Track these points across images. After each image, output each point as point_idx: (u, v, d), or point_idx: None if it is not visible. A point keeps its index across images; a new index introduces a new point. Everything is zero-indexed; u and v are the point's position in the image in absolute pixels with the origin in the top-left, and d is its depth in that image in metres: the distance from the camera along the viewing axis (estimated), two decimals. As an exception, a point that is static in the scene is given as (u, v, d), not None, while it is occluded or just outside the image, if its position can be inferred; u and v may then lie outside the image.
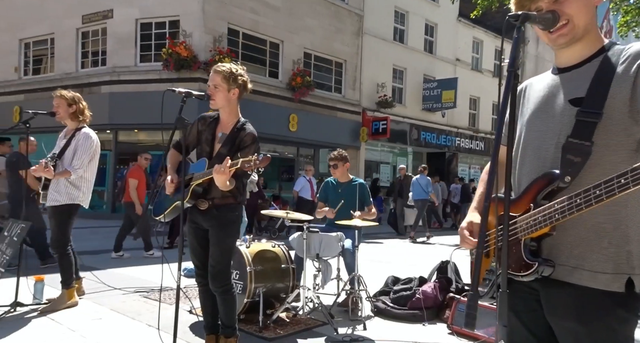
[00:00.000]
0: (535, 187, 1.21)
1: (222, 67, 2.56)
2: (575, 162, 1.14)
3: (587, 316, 1.15)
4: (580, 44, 1.24)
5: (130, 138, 12.67)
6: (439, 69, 17.88)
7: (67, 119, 3.77)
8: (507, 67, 1.14)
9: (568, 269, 1.17)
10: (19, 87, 13.65)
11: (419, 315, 3.59)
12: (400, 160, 17.70)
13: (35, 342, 2.91)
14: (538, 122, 1.31)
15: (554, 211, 1.12)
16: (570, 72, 1.26)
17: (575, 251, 1.17)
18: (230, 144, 2.56)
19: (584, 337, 1.15)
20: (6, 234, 3.64)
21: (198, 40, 11.53)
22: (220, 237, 2.55)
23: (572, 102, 1.20)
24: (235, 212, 2.60)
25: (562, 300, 1.19)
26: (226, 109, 2.62)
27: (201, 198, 2.54)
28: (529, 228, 1.19)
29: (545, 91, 1.31)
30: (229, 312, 2.62)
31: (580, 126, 1.15)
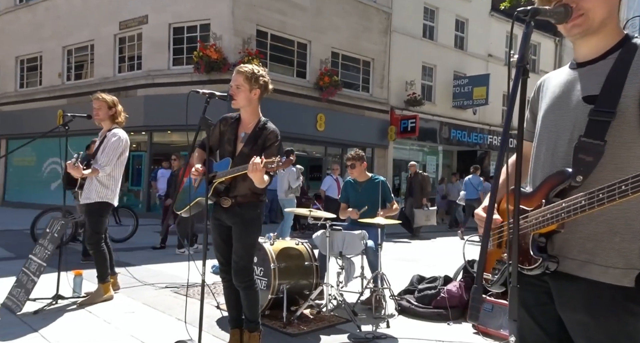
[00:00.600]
0: (548, 184, 1.22)
1: (244, 68, 2.63)
2: (588, 161, 1.14)
3: (598, 309, 1.15)
4: (596, 37, 1.22)
5: (164, 139, 13.12)
6: (470, 66, 17.44)
7: (106, 121, 3.96)
8: (517, 62, 1.13)
9: (579, 263, 1.18)
10: (63, 92, 14.42)
11: (443, 314, 3.55)
12: (430, 159, 17.43)
13: (74, 333, 3.09)
14: (552, 118, 1.31)
15: (561, 210, 1.12)
16: (586, 67, 1.25)
17: (587, 246, 1.17)
18: (252, 143, 2.62)
19: (595, 330, 1.15)
20: (48, 231, 3.87)
21: (228, 42, 11.79)
22: (243, 234, 2.61)
23: (585, 100, 1.19)
24: (257, 210, 2.66)
25: (572, 293, 1.19)
26: (247, 109, 2.68)
27: (224, 196, 2.62)
28: (538, 224, 1.19)
29: (561, 87, 1.30)
30: (252, 307, 2.69)
31: (593, 125, 1.15)
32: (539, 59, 19.99)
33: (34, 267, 3.65)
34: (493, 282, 1.30)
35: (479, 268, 1.04)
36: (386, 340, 3.14)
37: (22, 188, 15.64)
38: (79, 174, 3.71)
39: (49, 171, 14.71)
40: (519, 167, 1.15)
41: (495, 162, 1.18)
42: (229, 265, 2.67)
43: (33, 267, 3.66)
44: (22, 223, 9.81)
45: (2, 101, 16.07)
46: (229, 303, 2.80)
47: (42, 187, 14.66)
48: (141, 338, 3.02)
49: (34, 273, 3.60)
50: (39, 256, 3.71)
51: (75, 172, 3.68)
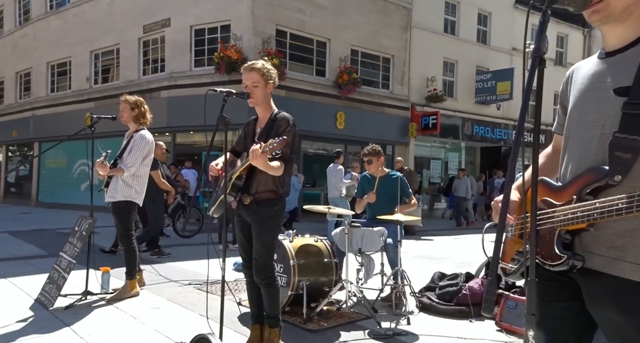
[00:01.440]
0: (582, 181, 1.16)
1: (257, 65, 2.64)
2: (625, 159, 1.07)
3: (630, 307, 1.10)
4: (623, 25, 1.15)
5: (187, 139, 13.38)
6: (494, 60, 17.04)
7: (130, 122, 4.08)
8: (532, 53, 1.10)
9: (608, 260, 1.13)
10: (90, 96, 14.90)
11: (465, 311, 3.50)
12: (452, 156, 17.16)
13: (102, 328, 3.21)
14: (581, 111, 1.24)
15: (594, 210, 1.08)
16: (615, 57, 1.18)
17: (617, 243, 1.12)
18: (266, 135, 2.63)
19: (628, 328, 1.11)
20: (77, 229, 4.02)
21: (247, 43, 11.91)
22: (261, 232, 2.63)
23: (617, 92, 1.12)
24: (275, 207, 2.66)
25: (602, 291, 1.15)
26: (263, 105, 2.72)
27: (244, 193, 2.65)
28: (567, 221, 1.15)
29: (590, 78, 1.24)
30: (273, 303, 2.71)
31: (628, 120, 1.08)
32: (566, 51, 19.37)
33: (65, 264, 3.80)
34: (511, 272, 1.27)
35: (493, 262, 1.02)
36: (407, 336, 3.12)
37: (54, 189, 16.26)
38: (104, 172, 3.84)
39: (79, 173, 15.24)
40: (536, 163, 1.11)
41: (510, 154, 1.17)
42: (251, 262, 2.70)
43: (64, 264, 3.82)
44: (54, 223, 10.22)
45: (34, 105, 16.74)
46: (251, 299, 2.83)
47: (72, 188, 15.20)
48: (165, 333, 3.10)
49: (64, 269, 3.75)
50: (68, 254, 3.86)
51: (102, 170, 3.80)
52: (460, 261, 6.27)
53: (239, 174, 2.60)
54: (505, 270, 1.29)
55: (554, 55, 19.08)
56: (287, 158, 2.61)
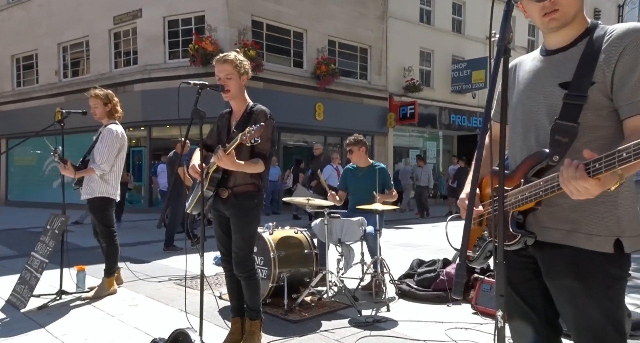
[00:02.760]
0: (527, 164, 1.28)
1: (229, 56, 2.59)
2: (564, 142, 1.21)
3: (583, 273, 1.23)
4: (567, 27, 1.29)
5: (163, 133, 13.12)
6: (469, 49, 17.27)
7: (105, 118, 3.95)
8: (497, 42, 1.14)
9: (564, 232, 1.26)
10: (60, 90, 14.40)
11: (443, 296, 3.58)
12: (430, 145, 17.40)
13: (79, 327, 3.14)
14: (527, 102, 1.37)
15: (538, 189, 1.19)
16: (558, 54, 1.32)
17: (571, 217, 1.25)
18: (242, 126, 2.57)
19: (580, 293, 1.24)
20: (49, 227, 3.91)
21: (223, 34, 11.70)
22: (241, 225, 2.61)
23: (561, 86, 1.26)
24: (254, 200, 2.64)
25: (559, 260, 1.27)
26: (238, 98, 2.67)
27: (222, 186, 2.62)
28: (517, 202, 1.26)
29: (534, 72, 1.37)
30: (253, 295, 2.71)
31: (568, 109, 1.23)
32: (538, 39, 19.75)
33: (37, 264, 3.70)
34: (474, 258, 1.35)
35: (462, 247, 1.05)
36: (386, 323, 3.18)
37: (24, 187, 15.74)
38: (71, 175, 3.72)
39: (50, 170, 14.77)
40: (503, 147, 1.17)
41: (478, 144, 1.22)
42: (230, 255, 2.69)
43: (35, 264, 3.71)
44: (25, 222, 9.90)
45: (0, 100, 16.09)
46: (231, 293, 2.82)
47: (43, 186, 14.75)
48: (145, 329, 3.07)
49: (36, 269, 3.65)
50: (40, 253, 3.76)
51: (68, 173, 3.69)
52: (438, 248, 6.39)
53: (216, 167, 2.57)
54: (469, 258, 1.36)
55: (526, 43, 19.46)
56: (267, 154, 2.60)
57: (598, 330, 1.24)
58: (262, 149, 2.53)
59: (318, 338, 2.91)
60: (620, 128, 1.21)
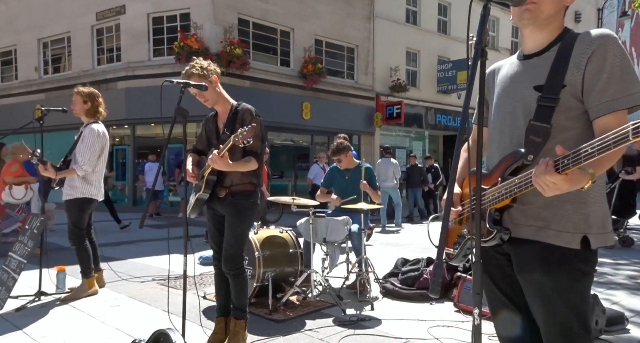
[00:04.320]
0: (504, 164, 1.33)
1: (191, 70, 2.66)
2: (537, 142, 1.27)
3: (551, 268, 1.29)
4: (542, 33, 1.35)
5: (148, 132, 12.94)
6: (454, 50, 17.46)
7: (82, 115, 3.88)
8: (475, 45, 1.16)
9: (535, 229, 1.31)
10: (40, 87, 14.07)
11: (426, 295, 3.62)
12: (417, 144, 17.53)
13: (58, 329, 3.08)
14: (504, 104, 1.42)
15: (514, 186, 1.24)
16: (533, 59, 1.38)
17: (542, 214, 1.31)
18: (231, 127, 2.61)
19: (548, 287, 1.29)
20: (27, 227, 3.82)
21: (209, 32, 11.59)
22: (235, 222, 2.63)
23: (535, 89, 1.32)
24: (250, 199, 2.66)
25: (529, 255, 1.32)
26: (219, 102, 2.71)
27: (219, 186, 2.63)
28: (494, 200, 1.31)
29: (511, 76, 1.43)
30: (240, 294, 2.71)
31: (541, 110, 1.28)
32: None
33: (14, 264, 3.61)
34: (454, 256, 1.38)
35: (440, 245, 1.07)
36: (370, 321, 3.20)
37: (3, 186, 15.32)
38: (52, 176, 3.64)
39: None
40: (480, 146, 1.20)
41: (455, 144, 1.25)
42: (219, 252, 2.70)
43: (13, 265, 3.62)
44: None
45: (-22, 97, 15.65)
46: (219, 291, 2.81)
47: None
48: (127, 330, 3.03)
49: (14, 270, 3.56)
50: (18, 254, 3.67)
51: (48, 174, 3.61)
52: (422, 247, 6.46)
53: (211, 170, 2.57)
54: (450, 255, 1.39)
55: (510, 45, 19.74)
56: (259, 151, 2.62)
57: (565, 322, 1.29)
58: (253, 147, 2.55)
59: (302, 337, 2.91)
60: (589, 129, 1.26)
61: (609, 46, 1.23)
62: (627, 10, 20.46)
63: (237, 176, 2.61)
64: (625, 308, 3.47)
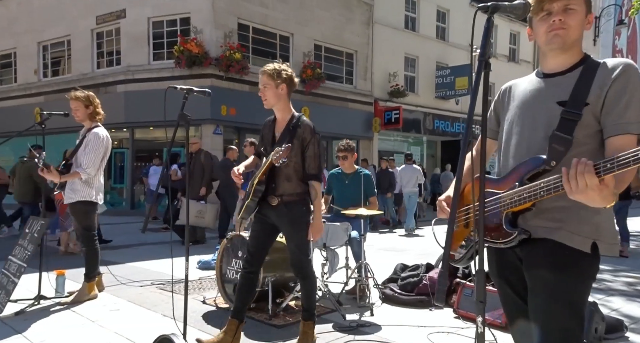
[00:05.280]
0: (523, 168, 1.38)
1: (267, 67, 2.69)
2: (560, 150, 1.34)
3: (559, 266, 1.35)
4: (566, 54, 1.44)
5: (147, 135, 12.94)
6: (452, 56, 17.58)
7: (86, 120, 3.89)
8: (478, 57, 1.19)
9: (549, 229, 1.38)
10: (39, 90, 14.07)
11: (425, 301, 3.63)
12: (415, 149, 17.58)
13: (58, 333, 3.08)
14: (523, 116, 1.48)
15: (539, 189, 1.28)
16: (555, 78, 1.46)
17: (557, 216, 1.38)
18: (287, 140, 2.62)
19: (552, 283, 1.35)
20: (27, 231, 3.82)
21: (209, 36, 11.64)
22: (292, 233, 2.70)
23: (559, 104, 1.40)
24: (303, 207, 2.70)
25: (540, 252, 1.38)
26: (278, 107, 2.73)
27: (271, 195, 2.66)
28: (513, 203, 1.35)
29: (532, 91, 1.50)
30: (308, 296, 2.79)
31: (565, 123, 1.36)
32: (519, 48, 20.25)
33: (14, 268, 3.60)
34: (460, 258, 1.41)
35: (444, 253, 1.08)
36: (370, 327, 3.20)
37: (1, 188, 15.26)
38: (56, 180, 3.65)
39: (29, 171, 14.39)
40: (484, 153, 1.24)
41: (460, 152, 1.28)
42: (254, 256, 2.77)
43: (13, 268, 3.62)
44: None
45: (-23, 99, 15.63)
46: (239, 294, 2.81)
47: (21, 187, 14.34)
48: (126, 335, 3.02)
49: (14, 274, 3.56)
50: (18, 257, 3.67)
51: (52, 177, 3.61)
52: (421, 253, 6.48)
53: (259, 180, 2.62)
54: (454, 257, 1.43)
55: (507, 52, 19.90)
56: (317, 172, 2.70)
57: (563, 320, 1.34)
58: (312, 167, 2.66)
59: (302, 343, 2.91)
60: (601, 147, 1.35)
61: (631, 73, 1.33)
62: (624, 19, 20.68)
63: (288, 185, 2.65)
64: (624, 315, 3.49)
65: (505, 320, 2.64)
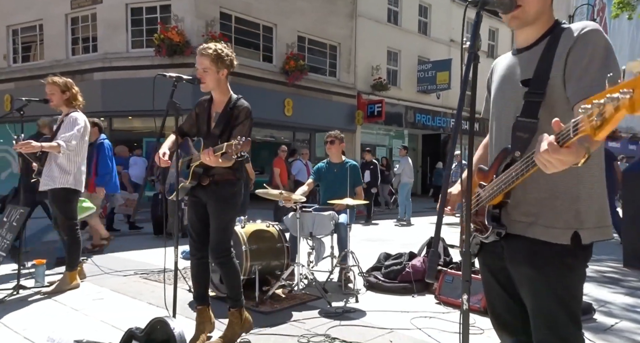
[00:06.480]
0: (497, 161, 1.36)
1: (208, 50, 2.60)
2: (524, 138, 1.27)
3: (539, 263, 1.31)
4: (532, 27, 1.35)
5: (125, 125, 12.66)
6: (434, 51, 17.79)
7: (62, 106, 3.80)
8: (468, 49, 1.22)
9: (525, 225, 1.33)
10: (9, 76, 13.53)
11: (408, 288, 3.73)
12: (396, 143, 17.78)
13: (40, 321, 3.03)
14: (498, 100, 1.45)
15: (506, 180, 1.26)
16: (523, 53, 1.39)
17: (532, 210, 1.33)
18: (224, 122, 2.62)
19: (537, 280, 1.31)
20: (5, 219, 3.72)
21: (190, 25, 11.42)
22: (218, 211, 2.64)
23: (523, 83, 1.33)
24: (234, 187, 2.69)
25: (519, 250, 1.35)
26: (217, 90, 2.69)
27: (203, 175, 2.64)
28: (490, 196, 1.34)
29: (505, 71, 1.45)
30: (230, 283, 2.72)
31: (528, 106, 1.28)
32: (497, 44, 20.62)
33: (-7, 257, 3.52)
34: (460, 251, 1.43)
35: (435, 235, 1.13)
36: (355, 313, 3.28)
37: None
38: (35, 149, 3.45)
39: (-1, 160, 13.90)
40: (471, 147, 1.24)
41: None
42: (200, 242, 2.71)
43: (-8, 257, 3.53)
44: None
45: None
46: (196, 280, 2.80)
47: (-8, 177, 13.87)
48: (112, 323, 3.01)
49: (-7, 263, 3.47)
50: (-3, 246, 3.58)
51: (29, 148, 3.41)
52: (404, 243, 6.61)
53: (199, 162, 2.58)
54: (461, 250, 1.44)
55: (487, 47, 20.25)
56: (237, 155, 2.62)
57: (551, 316, 1.30)
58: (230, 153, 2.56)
59: (289, 328, 2.96)
60: None
61: (592, 35, 1.23)
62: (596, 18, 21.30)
63: (221, 167, 2.61)
64: (593, 299, 3.68)
65: (484, 304, 2.75)
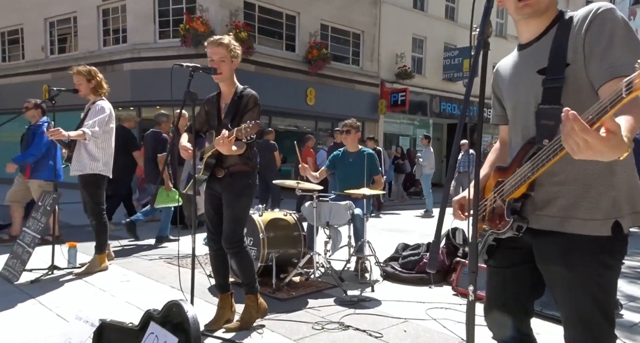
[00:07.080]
0: (521, 153, 1.32)
1: (224, 40, 2.65)
2: (550, 125, 1.23)
3: (574, 261, 1.24)
4: (539, 19, 1.34)
5: (153, 114, 12.96)
6: (461, 37, 17.26)
7: (89, 94, 3.95)
8: (477, 36, 1.20)
9: (559, 220, 1.27)
10: (47, 66, 14.07)
11: (425, 278, 3.73)
12: (420, 132, 17.48)
13: (71, 300, 3.22)
14: (513, 96, 1.42)
15: (528, 170, 1.22)
16: (531, 46, 1.37)
17: (566, 203, 1.26)
18: (233, 112, 2.68)
19: (570, 279, 1.25)
20: (40, 204, 3.94)
21: (214, 15, 11.52)
22: (233, 200, 2.70)
23: (539, 73, 1.30)
24: (248, 179, 2.74)
25: (551, 247, 1.29)
26: (228, 81, 2.74)
27: (217, 166, 2.71)
28: (511, 189, 1.30)
29: (513, 67, 1.44)
30: (244, 270, 2.79)
31: (548, 93, 1.25)
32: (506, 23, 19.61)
33: (29, 239, 3.74)
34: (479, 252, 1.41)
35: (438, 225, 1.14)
36: (370, 302, 3.32)
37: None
38: (63, 137, 3.60)
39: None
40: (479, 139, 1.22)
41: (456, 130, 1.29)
42: (217, 233, 2.78)
43: (27, 239, 3.76)
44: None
45: (-15, 75, 15.68)
46: (216, 271, 2.89)
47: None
48: (136, 304, 3.16)
49: (28, 244, 3.70)
50: (32, 229, 3.80)
51: (57, 135, 3.56)
52: (424, 233, 6.57)
53: (211, 153, 2.64)
54: None
55: (495, 26, 19.41)
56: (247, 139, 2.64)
57: (586, 316, 1.25)
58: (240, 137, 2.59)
59: (305, 315, 3.03)
60: None
61: (606, 13, 1.19)
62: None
63: (235, 158, 2.67)
64: (621, 294, 3.58)
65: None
